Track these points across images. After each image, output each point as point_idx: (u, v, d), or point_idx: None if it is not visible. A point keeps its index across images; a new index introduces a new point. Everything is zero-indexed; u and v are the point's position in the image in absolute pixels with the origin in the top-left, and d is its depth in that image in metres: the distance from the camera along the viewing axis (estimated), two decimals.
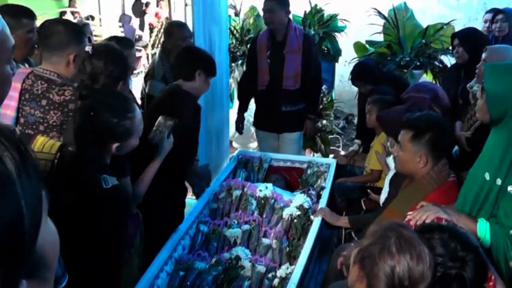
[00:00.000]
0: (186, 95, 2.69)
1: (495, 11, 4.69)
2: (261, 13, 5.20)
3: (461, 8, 7.27)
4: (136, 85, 4.82)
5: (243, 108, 4.17)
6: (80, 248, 1.67)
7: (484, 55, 2.97)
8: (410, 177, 2.29)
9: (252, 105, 4.26)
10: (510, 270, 1.73)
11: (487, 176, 1.85)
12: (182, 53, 2.87)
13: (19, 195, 0.52)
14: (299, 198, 2.88)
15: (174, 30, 3.60)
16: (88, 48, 2.14)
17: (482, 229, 1.78)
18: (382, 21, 5.09)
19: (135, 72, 5.04)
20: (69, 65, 2.12)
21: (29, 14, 2.54)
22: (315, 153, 4.61)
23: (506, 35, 4.49)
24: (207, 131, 3.66)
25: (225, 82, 4.20)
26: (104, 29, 10.94)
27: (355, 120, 6.43)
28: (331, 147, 5.05)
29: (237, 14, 5.46)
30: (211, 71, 2.80)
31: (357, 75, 3.85)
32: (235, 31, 4.89)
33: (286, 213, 2.77)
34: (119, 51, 2.29)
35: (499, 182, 1.80)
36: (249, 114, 5.12)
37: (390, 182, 2.65)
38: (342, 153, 5.04)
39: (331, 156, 4.39)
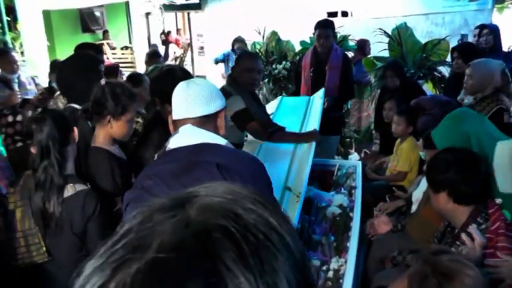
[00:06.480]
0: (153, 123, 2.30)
1: (481, 26, 4.65)
2: (282, 37, 5.18)
3: (446, 25, 7.16)
4: None
5: None
6: None
7: (467, 71, 2.94)
8: None
9: None
10: None
11: None
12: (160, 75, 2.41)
13: None
14: (338, 198, 2.79)
15: (243, 59, 2.90)
16: (102, 81, 2.11)
17: None
18: (386, 40, 4.99)
19: None
20: None
21: None
22: (336, 156, 4.52)
23: (492, 46, 4.46)
24: None
25: None
26: (136, 57, 10.89)
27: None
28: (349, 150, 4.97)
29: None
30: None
31: (393, 66, 3.91)
32: (260, 54, 4.80)
33: (329, 212, 2.68)
34: (122, 86, 2.07)
35: None
36: None
37: None
38: (355, 155, 4.96)
39: (353, 158, 4.31)
